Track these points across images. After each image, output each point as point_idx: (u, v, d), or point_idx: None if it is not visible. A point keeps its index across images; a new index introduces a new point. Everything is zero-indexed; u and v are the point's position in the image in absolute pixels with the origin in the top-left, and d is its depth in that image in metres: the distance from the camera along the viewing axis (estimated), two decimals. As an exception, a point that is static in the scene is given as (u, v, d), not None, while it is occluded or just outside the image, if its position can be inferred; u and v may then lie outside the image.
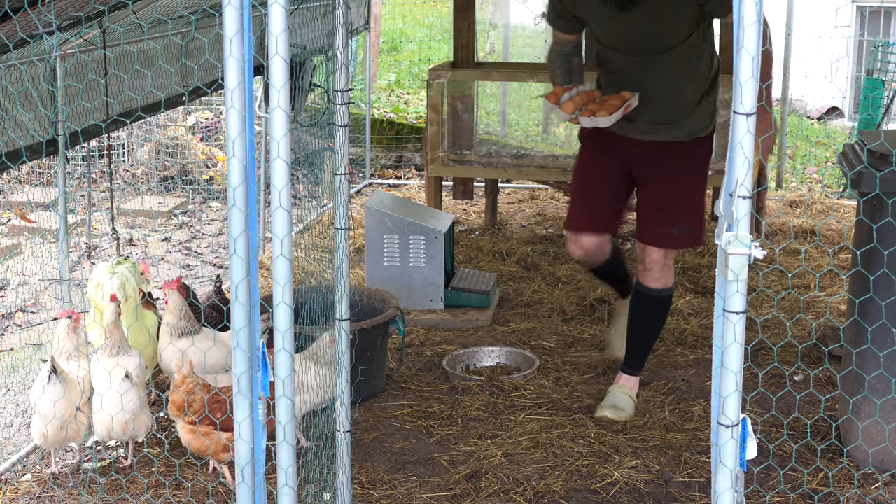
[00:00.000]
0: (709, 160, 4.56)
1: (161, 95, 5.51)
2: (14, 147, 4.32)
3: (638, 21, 4.21)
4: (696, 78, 4.39)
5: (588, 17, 4.41)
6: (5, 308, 6.50)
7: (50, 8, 3.49)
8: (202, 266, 7.39)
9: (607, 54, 4.47)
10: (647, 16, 4.19)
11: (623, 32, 4.31)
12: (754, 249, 1.95)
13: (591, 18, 4.41)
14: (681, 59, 4.32)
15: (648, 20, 4.21)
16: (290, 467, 2.47)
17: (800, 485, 4.01)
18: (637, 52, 4.35)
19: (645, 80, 4.35)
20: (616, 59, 4.43)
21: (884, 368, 3.96)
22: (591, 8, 4.32)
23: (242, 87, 2.26)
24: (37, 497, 4.10)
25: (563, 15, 4.47)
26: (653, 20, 4.21)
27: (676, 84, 4.36)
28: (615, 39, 4.38)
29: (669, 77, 4.34)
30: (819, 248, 6.96)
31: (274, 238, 2.33)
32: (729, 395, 2.02)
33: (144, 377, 4.31)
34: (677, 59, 4.31)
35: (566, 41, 4.57)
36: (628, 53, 4.38)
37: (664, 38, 4.26)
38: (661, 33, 4.25)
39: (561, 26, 4.53)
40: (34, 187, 8.80)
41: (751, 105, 1.93)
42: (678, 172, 4.43)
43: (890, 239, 3.84)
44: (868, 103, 10.24)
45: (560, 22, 4.52)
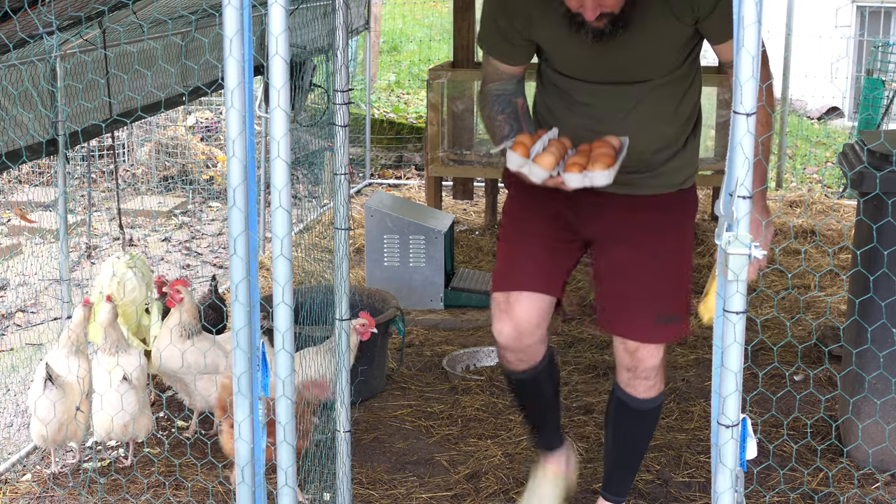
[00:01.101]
0: (694, 218, 3.57)
1: (161, 95, 5.51)
2: (14, 147, 4.32)
3: (618, 48, 3.16)
4: (682, 115, 3.34)
5: (544, 41, 3.30)
6: (5, 308, 6.50)
7: (50, 8, 3.49)
8: (202, 266, 7.39)
9: (563, 83, 3.35)
10: (631, 42, 3.14)
11: (595, 62, 3.23)
12: (754, 249, 1.95)
13: (548, 43, 3.30)
14: (666, 91, 3.28)
15: (632, 47, 3.16)
16: (290, 467, 2.47)
17: (800, 485, 4.01)
18: (610, 83, 3.28)
19: (617, 116, 3.28)
20: (576, 90, 3.32)
21: (884, 368, 3.96)
22: (551, 31, 3.23)
23: (242, 87, 2.26)
24: (37, 497, 4.10)
25: (512, 38, 3.31)
26: (638, 46, 3.16)
27: (659, 121, 3.30)
28: (582, 69, 3.28)
29: (650, 112, 3.28)
30: (819, 248, 6.96)
31: (274, 238, 2.33)
32: (729, 395, 2.02)
33: (145, 378, 4.31)
34: (662, 90, 3.28)
35: (509, 76, 3.39)
36: (597, 83, 3.29)
37: (650, 67, 3.23)
38: (647, 62, 3.22)
39: (505, 54, 3.36)
40: (34, 187, 8.80)
41: (751, 105, 1.93)
42: (661, 237, 3.35)
43: (890, 239, 3.84)
44: (868, 103, 10.24)
45: (504, 48, 3.35)
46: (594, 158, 3.09)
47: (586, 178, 3.05)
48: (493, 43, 3.37)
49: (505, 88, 3.39)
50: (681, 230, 3.42)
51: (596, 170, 3.05)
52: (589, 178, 3.06)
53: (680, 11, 3.12)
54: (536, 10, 3.23)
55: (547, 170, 3.05)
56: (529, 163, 3.08)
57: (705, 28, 3.17)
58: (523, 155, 3.10)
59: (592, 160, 3.09)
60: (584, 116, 3.30)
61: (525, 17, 3.26)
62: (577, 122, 3.30)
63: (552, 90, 3.39)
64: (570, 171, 3.06)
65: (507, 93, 3.39)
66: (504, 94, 3.39)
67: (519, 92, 3.42)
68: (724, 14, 3.05)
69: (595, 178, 3.06)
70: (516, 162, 3.06)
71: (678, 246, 3.40)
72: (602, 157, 3.09)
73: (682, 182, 3.38)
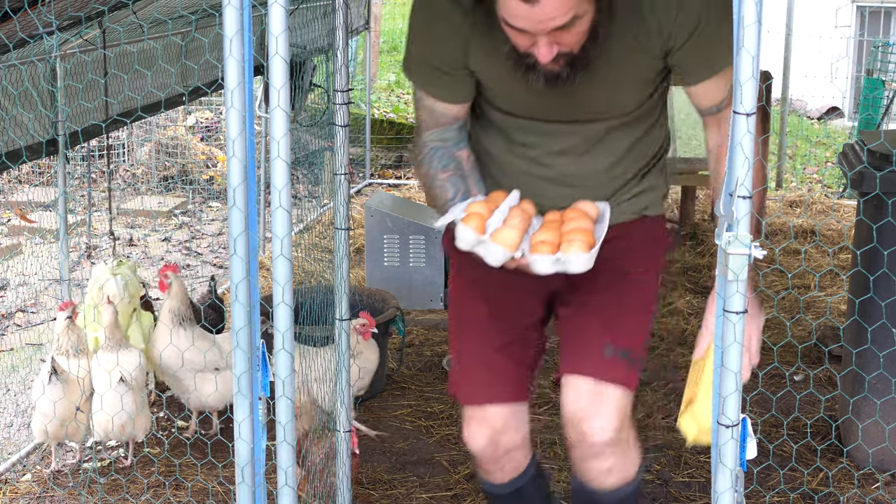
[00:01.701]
0: (664, 250, 2.92)
1: (161, 95, 5.51)
2: (14, 147, 4.32)
3: (573, 88, 2.55)
4: (645, 153, 2.77)
5: (483, 73, 2.64)
6: (5, 308, 6.50)
7: (50, 8, 3.49)
8: (202, 266, 7.39)
9: (504, 122, 2.72)
10: (590, 80, 2.54)
11: (545, 101, 2.61)
12: (754, 249, 1.95)
13: (488, 75, 2.64)
14: (628, 130, 2.70)
15: (590, 85, 2.56)
16: (290, 467, 2.47)
17: (800, 485, 4.02)
18: (562, 122, 2.68)
19: (570, 158, 2.71)
20: (520, 130, 2.71)
21: (884, 368, 3.96)
22: (492, 66, 2.60)
23: (242, 87, 2.26)
24: (37, 497, 4.10)
25: (447, 68, 2.62)
26: (597, 85, 2.57)
27: (619, 163, 2.74)
28: (528, 108, 2.66)
29: (609, 154, 2.71)
30: (819, 248, 6.96)
31: (274, 238, 2.33)
32: (729, 395, 2.02)
33: (144, 377, 4.31)
34: (623, 130, 2.70)
35: (450, 119, 2.70)
36: (545, 122, 2.69)
37: (610, 107, 2.65)
38: (608, 101, 2.64)
39: (442, 88, 2.66)
40: (34, 187, 8.80)
41: (751, 105, 1.93)
42: (619, 263, 2.73)
43: (890, 239, 3.84)
44: (868, 103, 10.24)
45: (440, 80, 2.65)
46: (568, 234, 2.48)
47: (559, 262, 2.43)
48: (425, 75, 2.66)
49: (445, 137, 2.69)
50: (645, 257, 2.82)
51: (572, 251, 2.43)
52: (563, 262, 2.43)
53: (647, 41, 2.52)
54: (474, 37, 2.57)
55: (509, 250, 2.44)
56: (486, 241, 2.45)
57: (677, 62, 2.57)
58: (478, 230, 2.46)
59: (566, 237, 2.48)
60: (530, 161, 2.71)
61: (460, 43, 2.58)
62: (522, 167, 2.71)
63: (491, 129, 2.74)
64: (539, 252, 2.45)
65: (449, 143, 2.69)
66: (444, 144, 2.69)
67: (462, 141, 2.72)
68: (701, 47, 2.51)
69: (571, 263, 2.43)
70: (469, 240, 2.44)
71: (640, 275, 2.80)
72: (578, 233, 2.47)
73: (644, 208, 2.79)
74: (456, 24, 2.55)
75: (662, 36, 2.51)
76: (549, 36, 2.36)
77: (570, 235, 2.48)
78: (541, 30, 2.35)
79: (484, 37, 2.54)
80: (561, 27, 2.34)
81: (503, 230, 2.47)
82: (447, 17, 2.56)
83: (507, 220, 2.52)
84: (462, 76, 2.63)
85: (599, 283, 2.71)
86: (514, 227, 2.49)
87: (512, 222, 2.50)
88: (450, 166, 2.68)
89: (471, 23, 2.53)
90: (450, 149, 2.70)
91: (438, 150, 2.70)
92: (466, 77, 2.64)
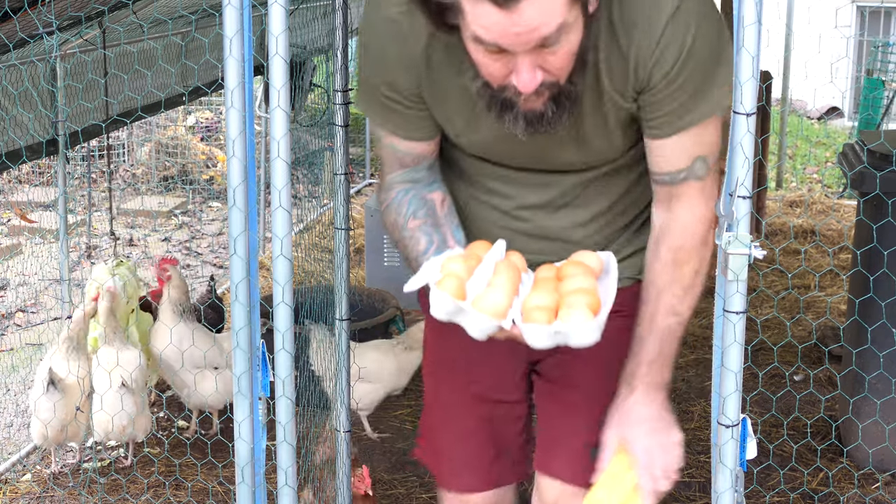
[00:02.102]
0: None
1: (161, 95, 5.51)
2: (14, 147, 4.32)
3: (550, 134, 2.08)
4: (637, 202, 2.34)
5: (439, 112, 2.17)
6: (5, 308, 6.50)
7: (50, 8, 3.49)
8: (202, 266, 7.39)
9: (469, 164, 2.30)
10: (570, 127, 2.11)
11: (517, 145, 2.14)
12: (754, 249, 1.95)
13: (449, 108, 2.16)
14: (615, 178, 2.28)
15: (569, 132, 2.13)
16: (290, 467, 2.47)
17: (800, 485, 4.01)
18: (538, 170, 2.26)
19: (546, 210, 2.29)
20: (488, 176, 2.29)
21: (884, 368, 3.96)
22: (454, 105, 2.14)
23: (242, 87, 2.26)
24: (37, 497, 4.10)
25: (408, 101, 2.16)
26: (579, 127, 2.14)
27: (605, 215, 2.31)
28: (497, 152, 2.23)
29: (593, 205, 2.29)
30: (819, 248, 6.96)
31: (274, 238, 2.33)
32: (729, 395, 2.02)
33: (144, 378, 4.31)
34: (609, 178, 2.28)
35: (415, 157, 2.24)
36: (518, 169, 2.27)
37: (595, 152, 2.21)
38: (592, 146, 2.19)
39: (404, 123, 2.20)
40: (34, 187, 8.80)
41: (751, 105, 1.93)
42: (616, 344, 2.23)
43: (890, 239, 3.84)
44: (868, 103, 10.25)
45: (403, 115, 2.19)
46: (568, 296, 1.98)
47: (559, 334, 1.93)
48: (379, 108, 2.20)
49: (414, 178, 2.25)
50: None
51: (573, 319, 1.93)
52: (563, 334, 1.93)
53: (623, 80, 2.08)
54: (430, 68, 2.11)
55: (496, 318, 1.94)
56: (468, 308, 1.94)
57: (641, 105, 2.10)
58: (457, 294, 1.95)
59: (565, 299, 1.98)
60: (500, 212, 2.31)
61: (415, 73, 2.12)
62: (490, 217, 2.32)
63: (453, 170, 2.32)
64: (534, 321, 1.94)
65: (419, 185, 2.24)
66: (413, 187, 2.24)
67: (435, 182, 2.26)
68: (673, 95, 2.06)
69: (573, 334, 1.93)
70: (446, 308, 1.94)
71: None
72: (579, 295, 1.97)
73: (640, 271, 2.29)
74: (410, 50, 2.09)
75: (638, 75, 2.06)
76: (531, 55, 1.89)
77: (571, 298, 1.97)
78: (522, 44, 1.86)
79: (441, 68, 2.09)
80: (546, 43, 1.87)
81: (488, 293, 1.96)
82: (401, 39, 2.08)
83: (491, 279, 2.01)
84: (420, 108, 2.16)
85: (589, 365, 2.32)
86: (502, 288, 1.98)
87: (498, 282, 1.99)
88: (420, 212, 2.21)
89: (424, 49, 2.08)
90: (420, 191, 2.23)
91: (407, 194, 2.23)
92: (424, 109, 2.17)
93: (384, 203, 2.29)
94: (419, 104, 2.16)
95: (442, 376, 2.53)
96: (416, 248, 2.21)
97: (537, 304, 1.97)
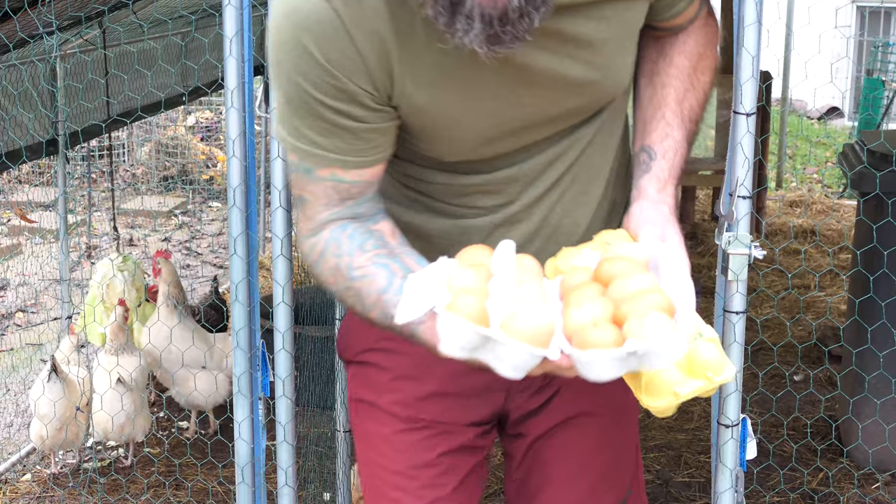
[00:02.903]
0: None
1: (161, 95, 5.51)
2: (14, 147, 4.32)
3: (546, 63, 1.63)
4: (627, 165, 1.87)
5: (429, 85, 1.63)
6: (5, 308, 6.50)
7: (50, 8, 3.49)
8: (202, 266, 7.39)
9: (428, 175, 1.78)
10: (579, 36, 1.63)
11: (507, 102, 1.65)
12: (754, 249, 1.95)
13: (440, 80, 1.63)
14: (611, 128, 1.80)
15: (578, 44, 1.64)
16: (290, 467, 2.47)
17: (800, 485, 4.01)
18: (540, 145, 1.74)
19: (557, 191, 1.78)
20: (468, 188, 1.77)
21: (884, 368, 3.95)
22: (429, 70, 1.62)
23: (242, 87, 2.26)
24: (37, 497, 4.10)
25: (362, 114, 1.63)
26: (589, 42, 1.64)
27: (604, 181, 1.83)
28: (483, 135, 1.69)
29: (594, 169, 1.81)
30: (819, 248, 6.96)
31: (274, 238, 2.33)
32: (729, 395, 2.02)
33: (145, 378, 4.31)
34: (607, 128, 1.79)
35: (361, 188, 1.71)
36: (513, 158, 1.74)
37: (609, 79, 1.71)
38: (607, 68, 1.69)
39: (355, 147, 1.66)
40: (34, 187, 8.80)
41: (751, 105, 1.93)
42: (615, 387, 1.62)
43: (890, 239, 3.83)
44: (868, 103, 10.25)
45: (355, 136, 1.65)
46: (625, 303, 1.42)
47: (633, 356, 1.37)
48: (320, 137, 1.64)
49: (355, 214, 1.70)
50: None
51: (652, 329, 1.37)
52: (644, 353, 1.37)
53: None
54: (399, 47, 1.60)
55: (540, 346, 1.37)
56: (500, 337, 1.37)
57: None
58: (479, 318, 1.39)
59: (626, 304, 1.42)
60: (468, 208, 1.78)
61: (379, 65, 1.60)
62: (441, 228, 1.81)
63: (407, 186, 1.81)
64: (596, 346, 1.37)
65: (359, 220, 1.70)
66: (353, 222, 1.70)
67: (379, 213, 1.73)
68: None
69: (654, 352, 1.38)
70: (466, 339, 1.38)
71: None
72: (646, 296, 1.42)
73: None
74: (364, 38, 1.58)
75: None
76: None
77: (632, 305, 1.40)
78: None
79: (419, 32, 1.58)
80: None
81: (521, 313, 1.38)
82: (344, 34, 1.58)
83: (516, 293, 1.44)
84: (384, 117, 1.65)
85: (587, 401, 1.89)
86: (536, 304, 1.41)
87: (528, 296, 1.42)
88: (368, 244, 1.67)
89: (389, 21, 1.58)
90: (364, 224, 1.70)
91: (345, 229, 1.69)
92: (389, 119, 1.66)
93: (314, 251, 1.71)
94: (382, 110, 1.64)
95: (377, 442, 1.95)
96: (374, 286, 1.63)
97: (592, 320, 1.38)
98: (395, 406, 1.90)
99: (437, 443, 1.90)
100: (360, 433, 1.99)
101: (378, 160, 1.70)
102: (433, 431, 1.89)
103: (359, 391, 1.97)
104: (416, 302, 1.50)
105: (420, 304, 1.50)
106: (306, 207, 1.72)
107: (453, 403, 1.89)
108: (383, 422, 1.93)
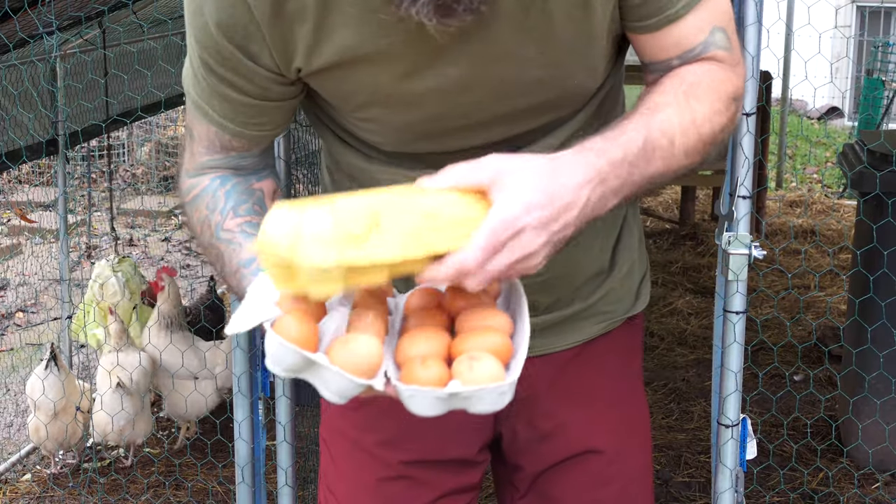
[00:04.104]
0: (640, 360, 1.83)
1: (161, 95, 5.51)
2: (14, 147, 4.33)
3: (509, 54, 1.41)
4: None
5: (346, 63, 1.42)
6: (5, 308, 6.50)
7: (50, 8, 3.49)
8: (202, 266, 7.39)
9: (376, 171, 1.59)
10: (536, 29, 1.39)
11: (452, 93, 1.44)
12: (754, 249, 1.95)
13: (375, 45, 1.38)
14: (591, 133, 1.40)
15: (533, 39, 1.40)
16: (289, 467, 2.47)
17: (800, 485, 4.01)
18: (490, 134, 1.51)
19: None
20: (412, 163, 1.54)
21: (884, 368, 3.95)
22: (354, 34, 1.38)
23: (242, 87, 2.26)
24: (37, 497, 4.10)
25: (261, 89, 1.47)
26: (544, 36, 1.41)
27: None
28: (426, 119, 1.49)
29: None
30: (819, 248, 6.96)
31: (274, 238, 2.33)
32: (729, 395, 2.02)
33: (145, 379, 4.30)
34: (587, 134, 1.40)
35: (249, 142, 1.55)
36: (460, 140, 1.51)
37: (568, 79, 1.48)
38: (563, 68, 1.46)
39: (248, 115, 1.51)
40: (34, 187, 8.80)
41: (751, 105, 1.93)
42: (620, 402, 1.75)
43: (890, 239, 3.83)
44: (868, 103, 10.25)
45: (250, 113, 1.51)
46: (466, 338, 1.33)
47: (454, 396, 1.27)
48: (209, 97, 1.50)
49: (237, 165, 1.57)
50: (636, 378, 1.82)
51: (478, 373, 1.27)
52: (464, 397, 1.27)
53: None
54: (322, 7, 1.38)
55: (362, 376, 1.28)
56: (324, 364, 1.27)
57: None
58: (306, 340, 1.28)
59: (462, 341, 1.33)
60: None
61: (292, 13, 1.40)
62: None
63: (353, 178, 1.66)
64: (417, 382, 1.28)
65: (242, 172, 1.58)
66: (235, 174, 1.57)
67: (265, 168, 1.61)
68: None
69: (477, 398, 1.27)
70: (289, 361, 1.27)
71: (640, 408, 1.80)
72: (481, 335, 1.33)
73: (634, 301, 1.75)
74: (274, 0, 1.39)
75: None
76: None
77: (472, 339, 1.33)
78: None
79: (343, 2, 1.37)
80: None
81: (350, 340, 1.30)
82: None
83: (353, 314, 1.36)
84: (277, 94, 1.50)
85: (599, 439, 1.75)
86: (370, 328, 1.34)
87: (362, 318, 1.35)
88: (243, 207, 1.53)
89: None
90: (245, 180, 1.57)
91: (225, 183, 1.55)
92: (282, 97, 1.51)
93: (190, 193, 1.57)
94: (271, 88, 1.48)
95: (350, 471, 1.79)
96: (237, 257, 1.49)
97: (422, 354, 1.31)
98: (378, 448, 1.73)
99: (420, 493, 1.73)
100: (335, 473, 1.80)
101: (262, 136, 1.55)
102: (416, 481, 1.73)
103: (339, 423, 1.77)
104: (248, 313, 1.37)
105: (250, 316, 1.36)
106: (193, 143, 1.57)
107: (437, 437, 1.71)
108: (364, 465, 1.74)
